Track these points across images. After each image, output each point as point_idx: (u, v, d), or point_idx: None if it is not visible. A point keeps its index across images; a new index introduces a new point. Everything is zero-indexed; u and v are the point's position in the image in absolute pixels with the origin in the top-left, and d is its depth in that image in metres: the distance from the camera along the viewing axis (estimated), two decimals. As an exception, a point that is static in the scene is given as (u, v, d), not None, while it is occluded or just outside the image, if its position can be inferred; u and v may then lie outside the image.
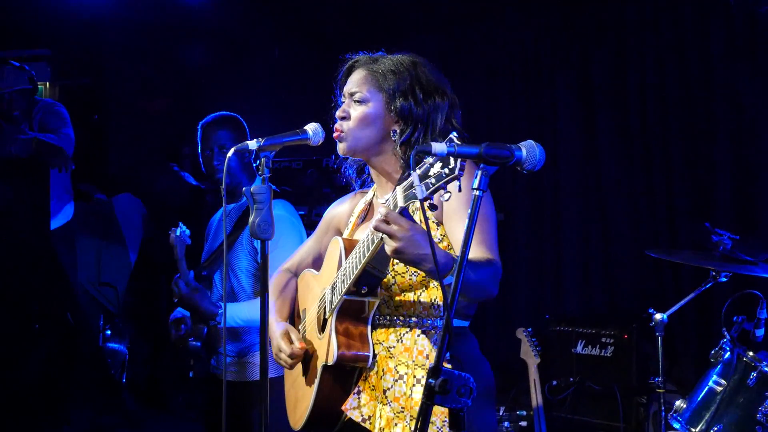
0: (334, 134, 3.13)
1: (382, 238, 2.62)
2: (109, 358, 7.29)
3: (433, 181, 2.34)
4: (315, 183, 6.86)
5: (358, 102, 3.09)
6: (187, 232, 4.49)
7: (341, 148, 3.13)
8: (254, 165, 4.61)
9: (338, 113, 3.13)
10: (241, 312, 4.30)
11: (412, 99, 3.04)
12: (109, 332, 7.66)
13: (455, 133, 2.31)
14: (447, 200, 2.36)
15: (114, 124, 8.87)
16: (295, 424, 3.23)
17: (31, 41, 8.46)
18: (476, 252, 2.80)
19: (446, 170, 2.31)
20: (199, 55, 8.55)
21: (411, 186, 2.45)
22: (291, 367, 3.23)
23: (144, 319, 7.87)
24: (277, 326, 3.25)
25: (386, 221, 2.57)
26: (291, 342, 3.18)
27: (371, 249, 2.74)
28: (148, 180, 8.27)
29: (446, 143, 2.30)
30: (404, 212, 2.57)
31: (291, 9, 8.15)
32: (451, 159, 2.30)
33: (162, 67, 8.56)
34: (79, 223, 6.98)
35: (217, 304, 4.37)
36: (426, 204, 2.40)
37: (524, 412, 6.30)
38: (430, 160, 2.35)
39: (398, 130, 3.06)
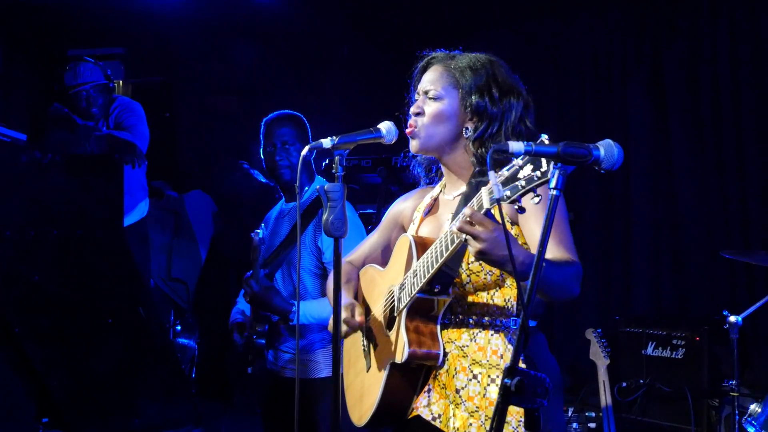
0: (407, 130, 3.10)
1: (464, 240, 2.60)
2: (179, 353, 7.37)
3: (523, 183, 2.32)
4: (383, 181, 6.86)
5: (432, 99, 3.06)
6: (266, 234, 4.54)
7: (414, 145, 3.12)
8: (321, 164, 4.63)
9: (412, 109, 3.11)
10: (313, 310, 4.31)
11: (488, 96, 3.01)
12: (179, 327, 7.76)
13: (545, 136, 2.29)
14: (538, 203, 2.33)
15: (185, 122, 8.99)
16: (359, 419, 3.23)
17: (105, 40, 8.61)
18: (556, 252, 2.79)
19: (538, 173, 2.29)
20: (269, 53, 8.62)
21: (498, 188, 2.41)
22: (345, 334, 3.23)
23: (213, 314, 7.95)
24: (343, 299, 3.21)
25: (470, 222, 2.56)
26: (353, 315, 3.17)
27: (450, 249, 2.72)
28: (218, 177, 8.36)
29: (524, 142, 2.28)
30: (488, 214, 2.56)
31: (360, 6, 8.17)
32: (543, 161, 2.28)
33: (232, 66, 8.64)
34: (151, 219, 7.07)
35: (290, 301, 4.39)
36: (515, 206, 2.37)
37: (593, 414, 6.26)
38: (519, 161, 2.33)
39: (471, 128, 3.04)
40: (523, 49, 8.05)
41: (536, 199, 2.31)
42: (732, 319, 4.87)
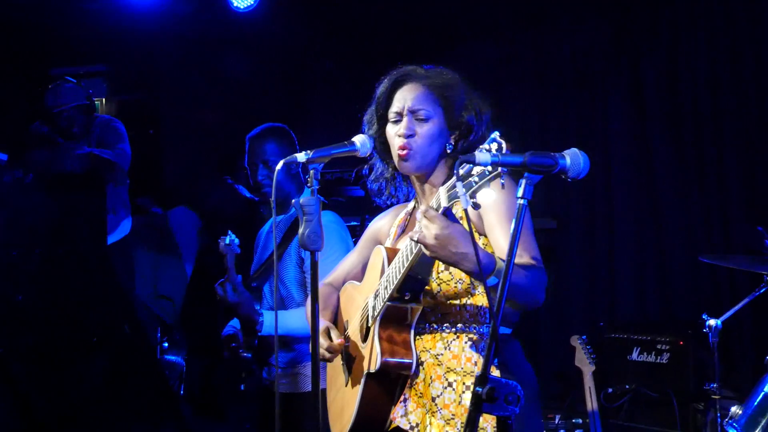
0: (401, 152, 3.07)
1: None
2: (166, 370, 7.35)
3: (476, 179, 2.34)
4: (366, 194, 6.87)
5: (422, 120, 3.06)
6: (236, 241, 4.52)
7: (408, 166, 3.09)
8: (304, 176, 4.64)
9: (404, 131, 3.07)
10: (286, 321, 4.30)
11: (473, 111, 3.06)
12: (166, 344, 7.73)
13: (497, 132, 2.32)
14: (492, 200, 2.36)
15: (169, 139, 8.97)
16: None
17: (87, 58, 8.60)
18: (520, 258, 2.80)
19: (489, 168, 2.30)
20: (253, 68, 8.62)
21: (454, 186, 2.44)
22: (330, 360, 3.26)
23: (200, 330, 7.93)
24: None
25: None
26: (330, 338, 3.21)
27: (414, 253, 2.75)
28: (203, 193, 8.35)
29: (490, 153, 2.29)
30: (447, 212, 2.58)
31: (344, 20, 8.19)
32: None
33: (216, 81, 8.64)
34: (135, 236, 7.06)
35: (259, 311, 4.37)
36: (470, 202, 2.39)
37: (580, 420, 6.27)
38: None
39: (453, 143, 3.07)
40: (503, 59, 8.06)
41: (490, 194, 2.34)
42: (711, 322, 4.88)
